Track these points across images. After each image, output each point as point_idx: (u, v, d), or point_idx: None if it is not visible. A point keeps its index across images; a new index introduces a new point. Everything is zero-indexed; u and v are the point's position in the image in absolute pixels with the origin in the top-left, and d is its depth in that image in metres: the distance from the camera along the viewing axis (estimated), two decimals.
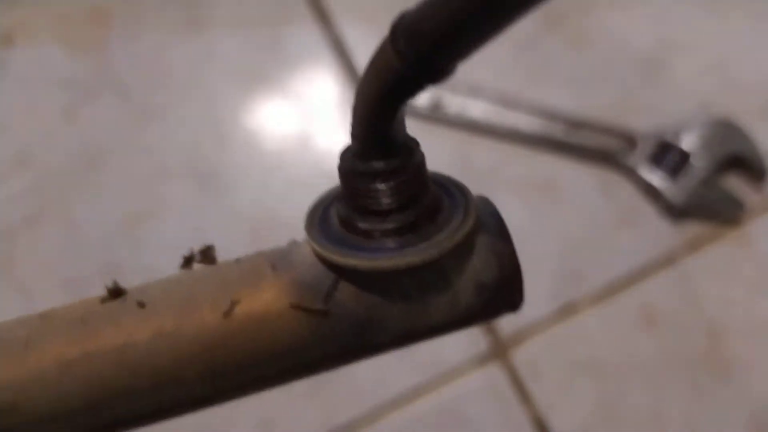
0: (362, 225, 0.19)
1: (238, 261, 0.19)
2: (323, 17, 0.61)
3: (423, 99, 0.58)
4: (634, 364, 0.54)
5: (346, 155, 0.20)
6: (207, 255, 0.20)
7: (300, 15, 0.61)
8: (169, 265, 0.62)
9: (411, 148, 0.20)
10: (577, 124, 0.57)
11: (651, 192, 0.56)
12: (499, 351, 0.54)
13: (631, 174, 0.56)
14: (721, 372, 0.54)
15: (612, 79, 0.59)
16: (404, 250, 0.19)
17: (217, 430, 0.52)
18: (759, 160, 0.56)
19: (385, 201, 0.19)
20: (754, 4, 0.61)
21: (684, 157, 0.55)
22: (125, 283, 0.61)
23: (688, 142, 0.55)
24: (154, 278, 0.61)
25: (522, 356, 0.54)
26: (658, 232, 0.56)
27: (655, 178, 0.55)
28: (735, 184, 0.56)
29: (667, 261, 0.55)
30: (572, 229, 0.56)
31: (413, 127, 0.67)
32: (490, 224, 0.20)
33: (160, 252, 0.56)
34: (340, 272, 0.19)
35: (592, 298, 0.55)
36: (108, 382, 0.17)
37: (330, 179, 0.67)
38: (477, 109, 0.57)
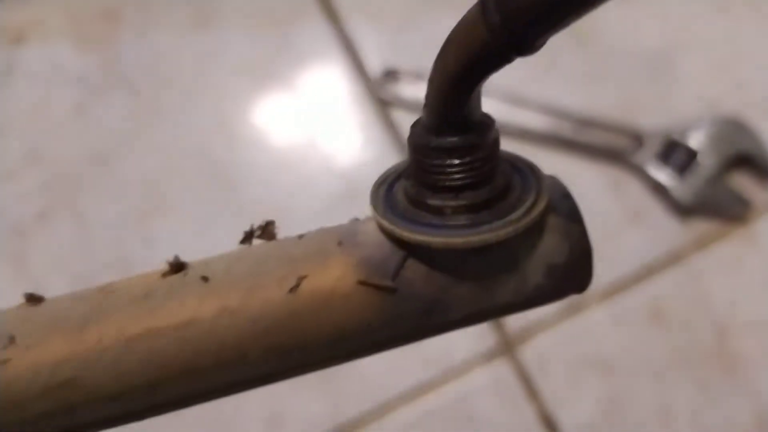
0: (433, 201, 0.19)
1: (301, 237, 0.19)
2: (331, 14, 0.61)
3: None
4: (642, 361, 0.55)
5: (418, 129, 0.19)
6: (267, 230, 0.20)
7: (308, 12, 0.61)
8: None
9: (486, 124, 0.19)
10: (585, 123, 0.57)
11: (658, 190, 0.56)
12: (507, 347, 0.54)
13: (639, 172, 0.56)
14: (728, 369, 0.54)
15: (620, 78, 0.60)
16: (478, 228, 0.18)
17: (227, 423, 0.53)
18: (766, 159, 0.56)
19: (459, 177, 0.19)
20: (762, 2, 0.61)
21: (691, 155, 0.55)
22: None
23: (695, 141, 0.56)
24: None
25: (529, 352, 0.54)
26: (665, 230, 0.56)
27: (663, 176, 0.56)
28: (742, 182, 0.57)
29: (674, 258, 0.56)
30: None
31: None
32: (562, 205, 0.20)
33: (170, 247, 0.56)
34: (409, 249, 0.19)
35: (600, 295, 0.55)
36: (170, 360, 0.17)
37: (337, 177, 0.67)
38: (485, 107, 0.57)
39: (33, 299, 0.18)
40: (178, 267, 0.18)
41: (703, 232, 0.56)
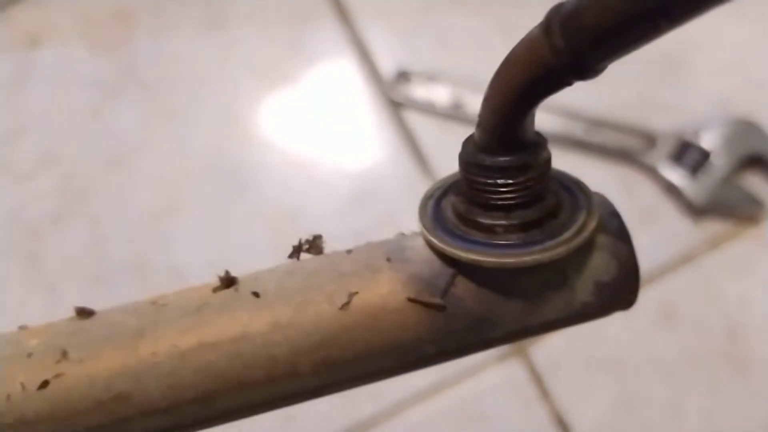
0: (484, 220, 0.19)
1: (349, 252, 0.19)
2: (344, 16, 0.61)
3: (443, 98, 0.58)
4: (653, 361, 0.55)
5: (470, 147, 0.19)
6: (314, 244, 0.20)
7: (321, 14, 0.61)
8: (193, 260, 0.62)
9: (539, 143, 0.19)
10: (597, 123, 0.58)
11: (671, 190, 0.56)
12: (519, 347, 0.55)
13: (652, 172, 0.57)
14: (740, 368, 0.54)
15: (632, 78, 0.60)
16: (530, 248, 0.18)
17: (240, 424, 0.53)
18: None
19: (511, 196, 0.19)
20: None
21: (704, 155, 0.56)
22: (150, 279, 0.62)
23: (708, 141, 0.56)
24: (178, 274, 0.61)
25: (541, 353, 0.54)
26: (678, 230, 0.56)
27: (676, 176, 0.56)
28: (754, 182, 0.57)
29: (686, 258, 0.56)
30: None
31: (434, 126, 0.67)
32: (610, 223, 0.20)
33: (184, 248, 0.57)
34: (459, 267, 0.19)
35: None
36: (223, 374, 0.17)
37: (350, 177, 0.67)
38: None
39: (83, 313, 0.18)
40: (228, 282, 0.18)
41: (715, 232, 0.56)
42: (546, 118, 0.58)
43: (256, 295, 0.18)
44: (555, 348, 0.55)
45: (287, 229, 0.57)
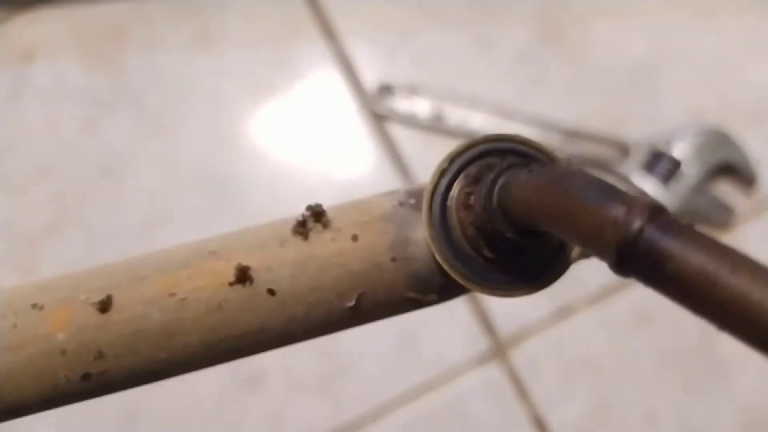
0: (487, 253, 0.20)
1: (355, 239, 0.21)
2: (329, 32, 0.63)
3: (425, 110, 0.60)
4: (630, 363, 0.56)
5: (495, 199, 0.18)
6: (319, 219, 0.22)
7: (307, 31, 0.63)
8: None
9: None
10: (572, 134, 0.59)
11: None
12: (499, 351, 0.56)
13: (625, 181, 0.58)
14: (714, 370, 0.56)
15: (606, 90, 0.62)
16: (525, 282, 0.20)
17: (228, 424, 0.54)
18: (748, 167, 0.58)
19: (514, 244, 0.19)
20: (745, 14, 0.63)
21: (676, 164, 0.57)
22: None
23: (679, 151, 0.58)
24: None
25: (521, 356, 0.56)
26: None
27: (648, 185, 0.57)
28: (725, 190, 0.58)
29: None
30: None
31: (415, 139, 0.69)
32: None
33: None
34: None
35: (588, 300, 0.57)
36: (245, 352, 0.21)
37: (335, 188, 0.69)
38: (476, 120, 0.60)
39: (104, 308, 0.20)
40: (243, 276, 0.21)
41: None
42: (521, 129, 0.59)
43: (271, 292, 0.20)
44: (534, 351, 0.56)
45: None
